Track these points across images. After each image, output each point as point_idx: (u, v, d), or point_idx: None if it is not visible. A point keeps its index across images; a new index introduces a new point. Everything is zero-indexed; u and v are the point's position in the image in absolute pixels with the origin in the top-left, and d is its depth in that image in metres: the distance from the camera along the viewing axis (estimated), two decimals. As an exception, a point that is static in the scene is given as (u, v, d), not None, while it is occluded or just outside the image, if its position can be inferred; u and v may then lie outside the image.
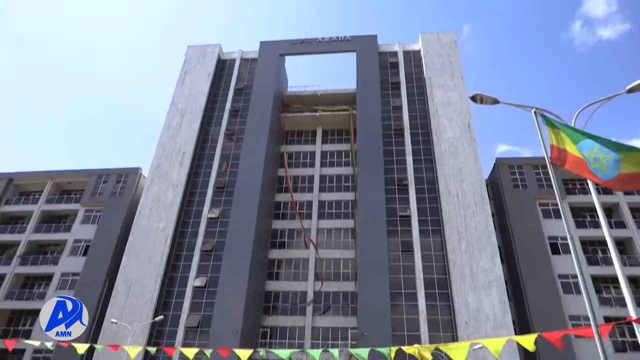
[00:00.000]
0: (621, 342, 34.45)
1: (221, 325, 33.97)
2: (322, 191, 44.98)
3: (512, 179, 42.96)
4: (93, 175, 47.57)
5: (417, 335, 33.43)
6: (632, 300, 7.19)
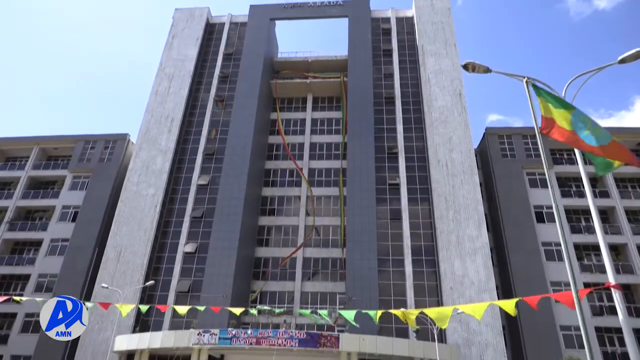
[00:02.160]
0: (599, 307, 35.77)
1: (212, 290, 34.52)
2: (312, 159, 44.99)
3: (500, 148, 43.29)
4: (80, 141, 46.89)
5: (403, 300, 34.34)
6: (611, 267, 7.45)
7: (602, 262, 36.85)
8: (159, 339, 30.17)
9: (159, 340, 30.12)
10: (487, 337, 32.55)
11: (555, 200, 8.84)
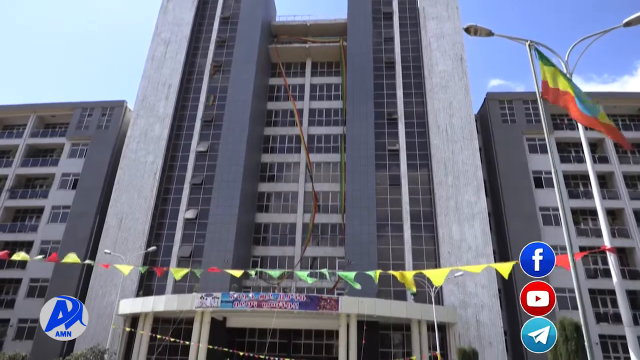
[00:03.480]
0: (593, 270, 36.48)
1: (213, 256, 35.04)
2: (311, 125, 44.72)
3: (501, 113, 43.01)
4: (77, 108, 46.47)
5: (401, 264, 34.94)
6: (608, 231, 7.56)
7: (598, 226, 37.30)
8: (162, 303, 30.89)
9: (162, 303, 30.83)
10: (482, 299, 33.35)
11: (554, 165, 8.87)
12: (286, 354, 31.50)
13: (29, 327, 37.40)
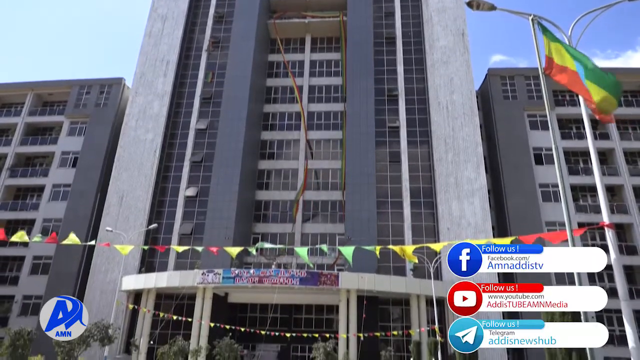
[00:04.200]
0: (591, 246, 36.71)
1: (214, 233, 35.30)
2: (311, 102, 44.36)
3: (502, 89, 42.65)
4: (75, 86, 46.06)
5: (401, 241, 35.23)
6: (607, 208, 7.61)
7: (597, 202, 37.46)
8: (164, 279, 31.30)
9: (164, 280, 31.24)
10: (481, 275, 32.97)
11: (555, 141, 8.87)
12: (287, 328, 32.07)
13: (33, 303, 37.95)
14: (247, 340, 31.87)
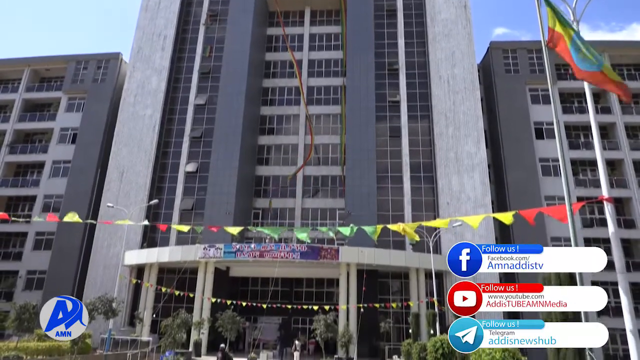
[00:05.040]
0: (590, 219, 37.03)
1: (215, 208, 35.48)
2: (310, 76, 43.87)
3: (504, 63, 42.11)
4: (72, 61, 45.50)
5: (401, 215, 35.47)
6: (606, 182, 7.62)
7: (597, 176, 37.51)
8: (166, 254, 31.64)
9: (166, 254, 31.59)
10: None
11: (556, 115, 8.83)
12: (288, 301, 32.59)
13: (37, 278, 38.46)
14: (249, 313, 32.40)
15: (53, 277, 37.24)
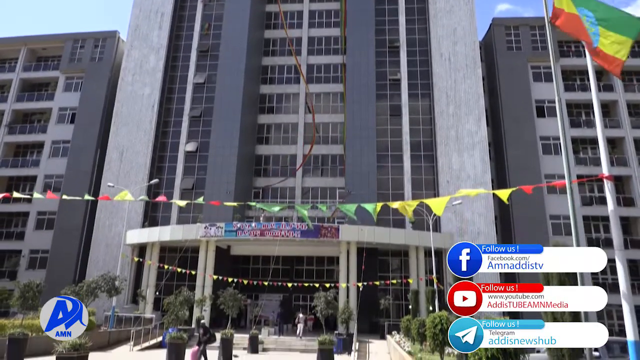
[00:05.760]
0: (589, 197, 37.16)
1: (215, 187, 35.56)
2: (310, 54, 43.34)
3: (506, 40, 41.58)
4: (68, 40, 44.95)
5: (401, 194, 35.58)
6: (607, 160, 7.62)
7: (597, 155, 37.47)
8: (168, 233, 31.83)
9: (168, 233, 31.78)
10: (479, 226, 34.34)
11: (558, 93, 8.77)
12: (289, 278, 32.94)
13: (40, 257, 38.83)
14: (250, 291, 32.82)
15: (56, 256, 37.60)
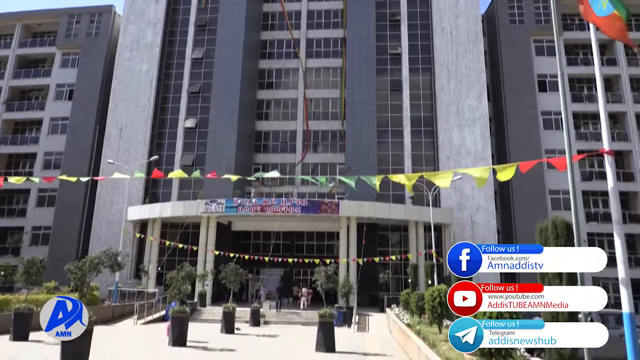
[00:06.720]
0: (589, 172, 37.18)
1: (215, 163, 35.51)
2: (309, 28, 42.66)
3: (509, 13, 40.83)
4: (64, 15, 44.19)
5: (401, 169, 35.58)
6: (608, 135, 7.60)
7: (598, 130, 37.30)
8: (168, 209, 32.00)
9: (169, 210, 31.95)
10: (479, 201, 34.49)
11: (561, 67, 8.67)
12: (289, 254, 33.28)
13: (42, 234, 39.12)
14: (252, 266, 33.19)
15: (58, 232, 37.88)
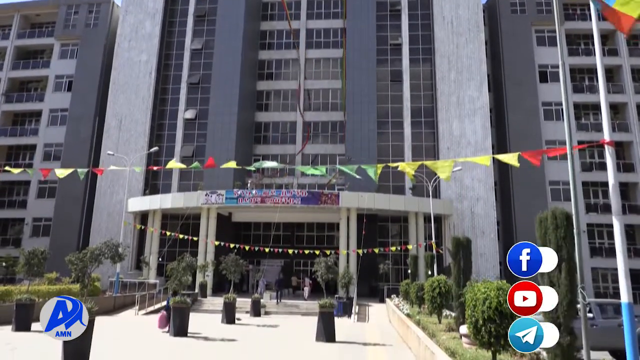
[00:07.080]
0: (589, 163, 37.16)
1: (214, 154, 35.16)
2: (309, 18, 42.37)
3: (510, 3, 40.52)
4: (62, 5, 43.85)
5: (401, 160, 35.51)
6: (608, 126, 7.57)
7: (599, 120, 37.21)
8: (169, 201, 32.05)
9: (169, 201, 32.00)
10: (478, 192, 34.52)
11: (562, 58, 8.62)
12: (290, 245, 33.38)
13: (43, 225, 39.19)
14: (252, 257, 33.29)
15: (59, 224, 37.96)
